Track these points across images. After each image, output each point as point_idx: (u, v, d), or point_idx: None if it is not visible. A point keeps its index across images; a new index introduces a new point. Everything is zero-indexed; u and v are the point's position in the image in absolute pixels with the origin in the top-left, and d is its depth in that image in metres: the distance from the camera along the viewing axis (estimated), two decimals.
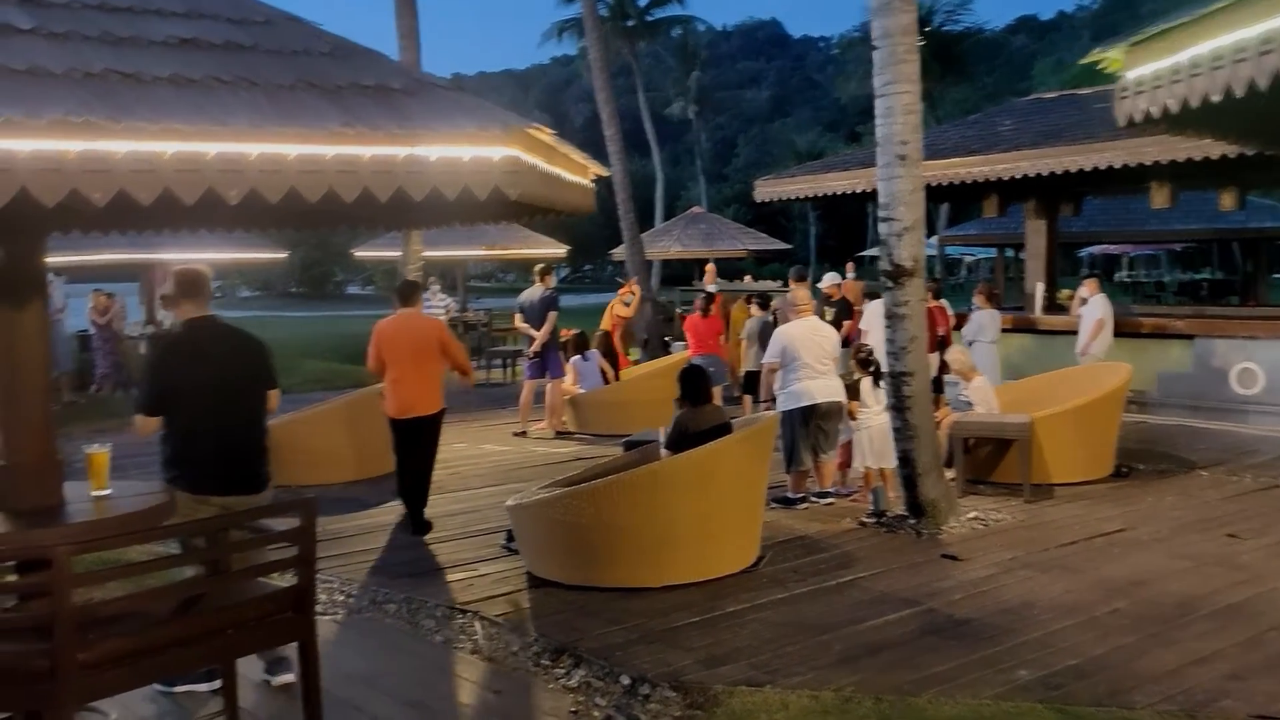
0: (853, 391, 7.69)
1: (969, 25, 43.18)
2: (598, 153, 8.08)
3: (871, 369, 7.79)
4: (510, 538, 6.60)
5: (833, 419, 7.66)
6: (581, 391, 11.63)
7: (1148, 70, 3.44)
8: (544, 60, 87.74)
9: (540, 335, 11.02)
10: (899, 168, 6.52)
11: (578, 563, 5.80)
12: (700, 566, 5.81)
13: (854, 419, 7.73)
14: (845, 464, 8.02)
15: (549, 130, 3.01)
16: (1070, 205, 14.16)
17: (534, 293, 11.20)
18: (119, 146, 2.35)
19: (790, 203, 15.03)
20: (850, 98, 68.11)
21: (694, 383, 6.36)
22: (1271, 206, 19.07)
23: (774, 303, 11.38)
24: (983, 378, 8.51)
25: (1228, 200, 13.24)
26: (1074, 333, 11.84)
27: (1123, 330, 11.46)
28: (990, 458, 8.19)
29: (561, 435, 11.27)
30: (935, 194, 13.28)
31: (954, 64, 39.91)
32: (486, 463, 9.87)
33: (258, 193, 2.50)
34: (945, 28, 40.98)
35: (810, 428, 7.57)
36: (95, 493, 4.06)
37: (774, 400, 7.71)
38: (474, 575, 6.17)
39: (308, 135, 2.54)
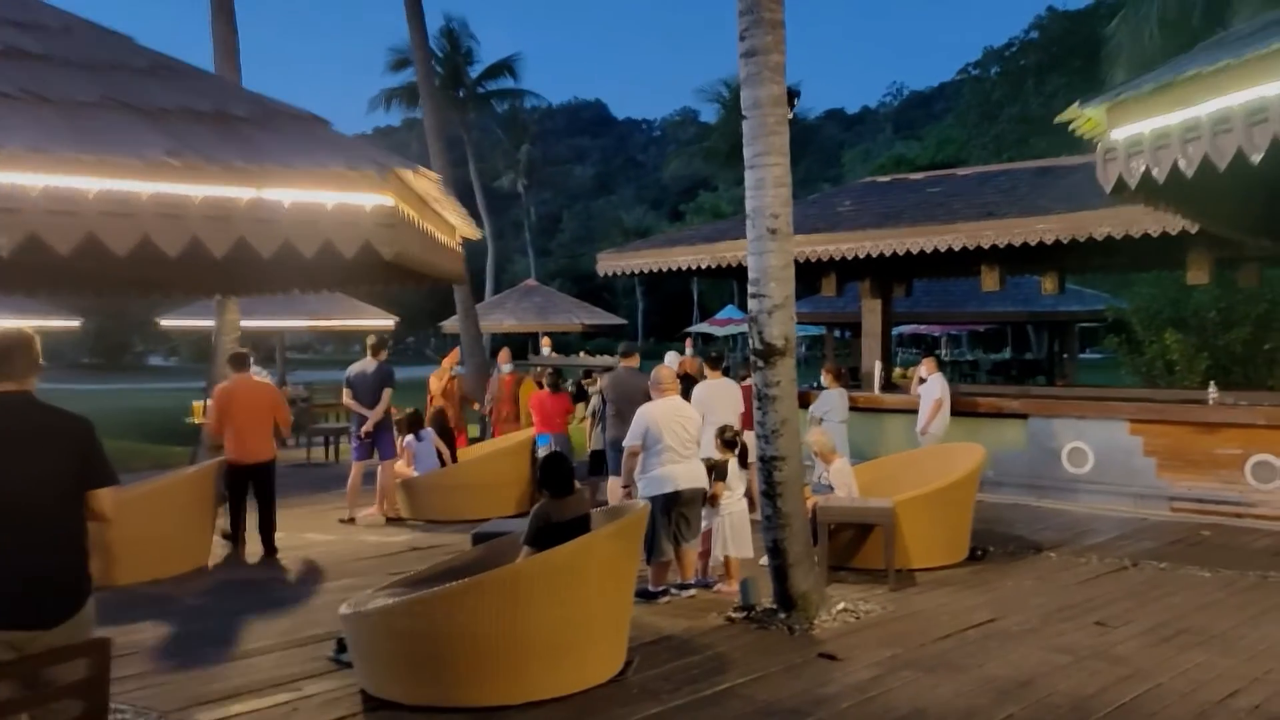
0: (719, 473, 7.29)
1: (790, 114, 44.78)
2: None
3: (737, 450, 7.43)
4: (341, 647, 5.80)
5: (695, 505, 7.23)
6: (416, 474, 10.82)
7: (1145, 128, 3.16)
8: (366, 130, 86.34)
9: (374, 414, 10.20)
10: (770, 241, 6.22)
11: (425, 679, 5.07)
12: (566, 678, 5.18)
13: (715, 504, 7.31)
14: (706, 552, 7.57)
15: (432, 174, 2.43)
16: (903, 286, 14.42)
17: (366, 366, 10.39)
18: None
19: (633, 276, 14.75)
20: (672, 177, 69.84)
21: (557, 471, 5.78)
22: (1078, 291, 20.20)
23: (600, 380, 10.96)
24: (844, 459, 8.29)
25: (1049, 284, 13.70)
26: (911, 411, 11.94)
27: (959, 410, 11.59)
28: (851, 543, 7.92)
29: (393, 522, 10.41)
30: None
31: None
32: (311, 555, 8.92)
33: (40, 240, 1.82)
34: None
35: (672, 515, 7.11)
36: None
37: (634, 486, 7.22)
38: (299, 696, 5.32)
39: (118, 166, 1.87)
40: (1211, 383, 11.06)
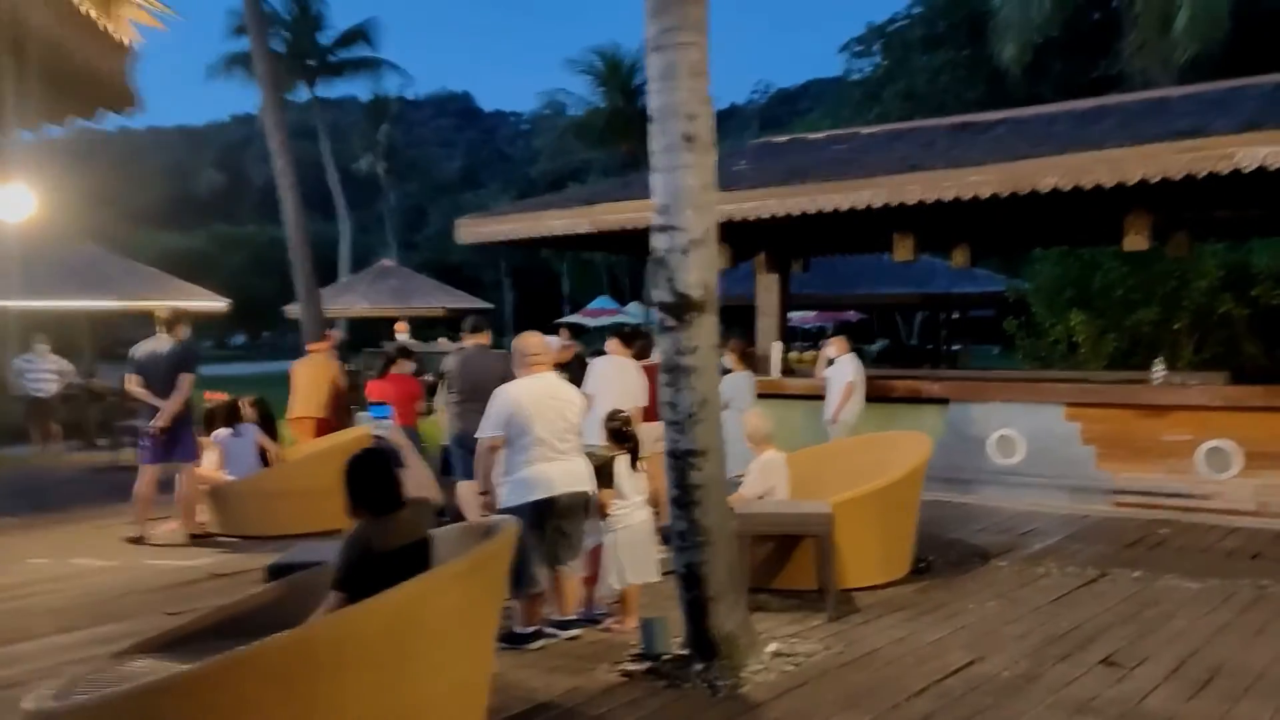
0: (605, 477, 5.54)
1: None
2: (276, 209, 5.66)
3: (629, 444, 5.69)
4: None
5: (576, 516, 5.47)
6: (229, 478, 8.75)
7: None
8: (223, 118, 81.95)
9: (169, 406, 8.08)
10: (685, 153, 4.51)
11: None
12: None
13: (605, 516, 5.58)
14: (592, 578, 5.82)
15: None
16: (800, 261, 13.03)
17: (158, 345, 8.25)
18: None
19: (498, 246, 12.90)
20: (540, 172, 67.73)
21: (371, 477, 3.89)
22: (970, 272, 19.19)
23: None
24: (777, 453, 6.71)
25: (960, 257, 12.50)
26: (816, 397, 10.48)
27: (872, 394, 10.19)
28: (772, 558, 6.31)
29: (198, 539, 8.33)
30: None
31: None
32: (74, 588, 6.83)
33: None
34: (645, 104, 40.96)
35: (546, 530, 5.33)
36: None
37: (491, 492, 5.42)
38: None
39: None
40: (1157, 361, 9.90)
